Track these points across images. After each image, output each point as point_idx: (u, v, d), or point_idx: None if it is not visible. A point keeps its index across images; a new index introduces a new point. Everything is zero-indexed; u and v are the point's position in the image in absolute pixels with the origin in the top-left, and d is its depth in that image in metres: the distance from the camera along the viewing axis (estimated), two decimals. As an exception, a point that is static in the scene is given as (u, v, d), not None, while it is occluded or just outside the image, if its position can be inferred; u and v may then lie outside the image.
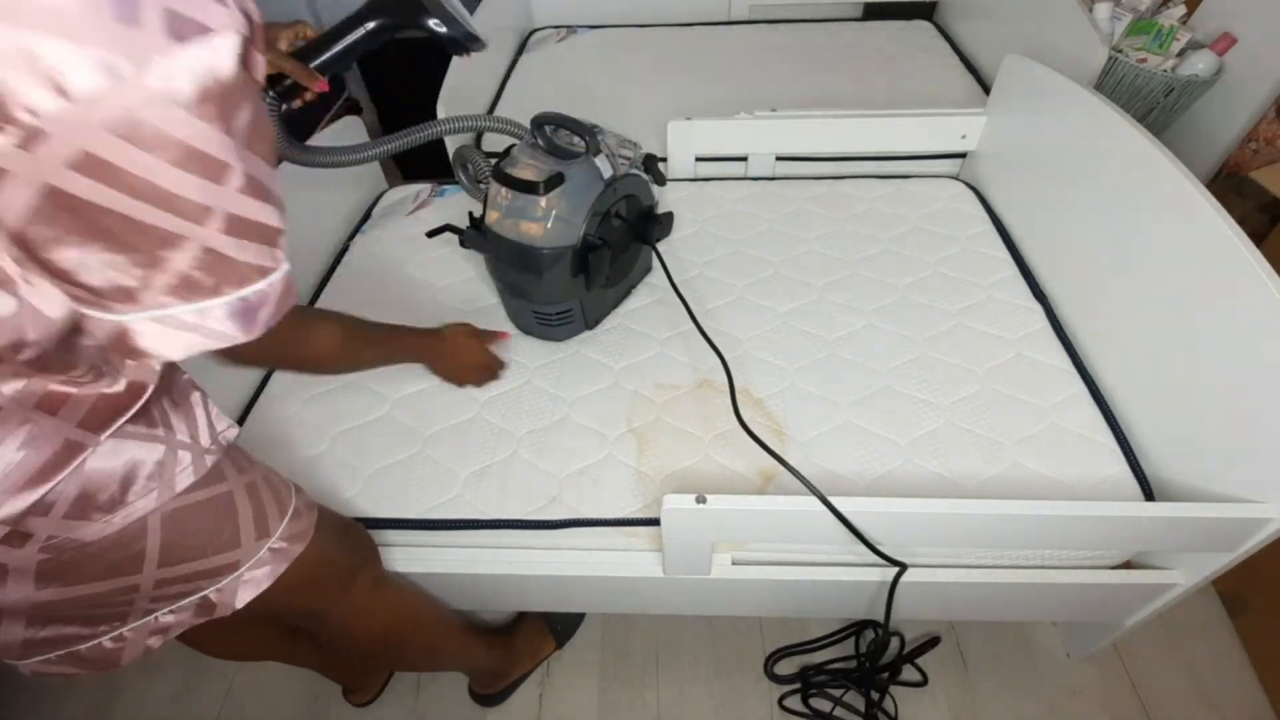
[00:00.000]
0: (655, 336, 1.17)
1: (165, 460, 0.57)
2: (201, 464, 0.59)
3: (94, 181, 0.35)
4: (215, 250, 0.41)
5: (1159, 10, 1.69)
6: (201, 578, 0.62)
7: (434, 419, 1.06)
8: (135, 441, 0.55)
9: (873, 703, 1.10)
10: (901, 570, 0.89)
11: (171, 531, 0.58)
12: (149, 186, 0.37)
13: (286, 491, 0.70)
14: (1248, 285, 0.82)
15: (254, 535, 0.65)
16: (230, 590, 0.65)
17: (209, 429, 0.62)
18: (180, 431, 0.59)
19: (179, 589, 0.62)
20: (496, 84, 1.88)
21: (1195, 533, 0.83)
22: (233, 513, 0.63)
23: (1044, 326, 1.15)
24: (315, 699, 1.17)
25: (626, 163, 1.08)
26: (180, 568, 0.60)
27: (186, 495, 0.59)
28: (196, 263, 0.41)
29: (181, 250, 0.40)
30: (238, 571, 0.64)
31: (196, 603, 0.64)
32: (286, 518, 0.68)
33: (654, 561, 0.94)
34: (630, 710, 1.15)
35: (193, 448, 0.59)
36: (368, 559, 0.86)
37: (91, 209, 0.36)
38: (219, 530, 0.62)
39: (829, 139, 1.50)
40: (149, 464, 0.56)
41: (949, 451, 0.99)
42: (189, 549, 0.60)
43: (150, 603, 0.61)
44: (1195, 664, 1.18)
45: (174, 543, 0.59)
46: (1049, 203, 1.25)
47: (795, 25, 2.08)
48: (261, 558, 0.66)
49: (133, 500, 0.55)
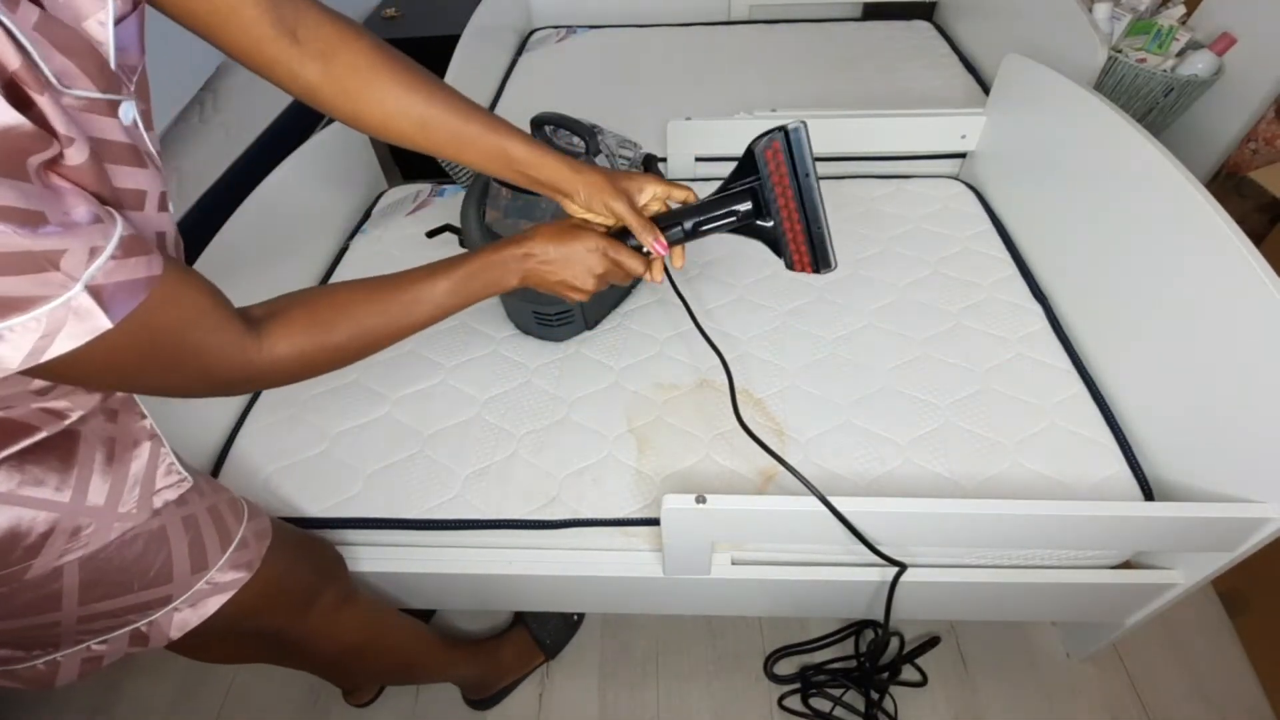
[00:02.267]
0: (655, 336, 1.17)
1: (56, 530, 0.52)
2: (104, 533, 0.55)
3: None
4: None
5: (1159, 10, 1.69)
6: (130, 612, 0.59)
7: (434, 419, 1.06)
8: (20, 509, 0.50)
9: (873, 703, 1.10)
10: (901, 570, 0.89)
11: (90, 572, 0.55)
12: None
13: (235, 520, 0.66)
14: (1248, 285, 0.82)
15: (189, 569, 0.61)
16: (163, 623, 0.62)
17: (140, 490, 0.57)
18: (93, 494, 0.54)
19: (106, 623, 0.59)
20: (496, 84, 1.88)
21: (1195, 532, 0.83)
22: (165, 547, 0.59)
23: (1044, 326, 1.15)
24: (315, 699, 1.17)
25: (626, 163, 1.07)
26: (103, 604, 0.57)
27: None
28: None
29: None
30: (170, 605, 0.61)
31: (128, 634, 0.61)
32: (230, 548, 0.65)
33: (654, 561, 0.94)
34: (630, 710, 1.15)
35: (100, 515, 0.54)
36: (331, 578, 0.84)
37: None
38: (146, 567, 0.59)
39: (829, 139, 1.50)
40: (32, 535, 0.51)
41: (949, 451, 0.99)
42: (112, 586, 0.57)
43: (79, 634, 0.59)
44: (1195, 664, 1.18)
45: (94, 582, 0.56)
46: (1049, 203, 1.25)
47: (795, 25, 2.08)
48: (198, 590, 0.63)
49: (10, 568, 0.51)
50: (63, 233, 0.35)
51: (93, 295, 0.37)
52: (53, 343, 0.36)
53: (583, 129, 1.00)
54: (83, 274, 0.36)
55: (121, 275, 0.38)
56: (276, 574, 0.71)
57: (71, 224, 0.36)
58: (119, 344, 0.39)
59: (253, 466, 1.00)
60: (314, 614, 0.80)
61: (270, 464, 1.00)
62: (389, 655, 0.96)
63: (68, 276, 0.36)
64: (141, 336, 0.41)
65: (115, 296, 0.38)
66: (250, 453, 1.03)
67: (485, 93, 1.80)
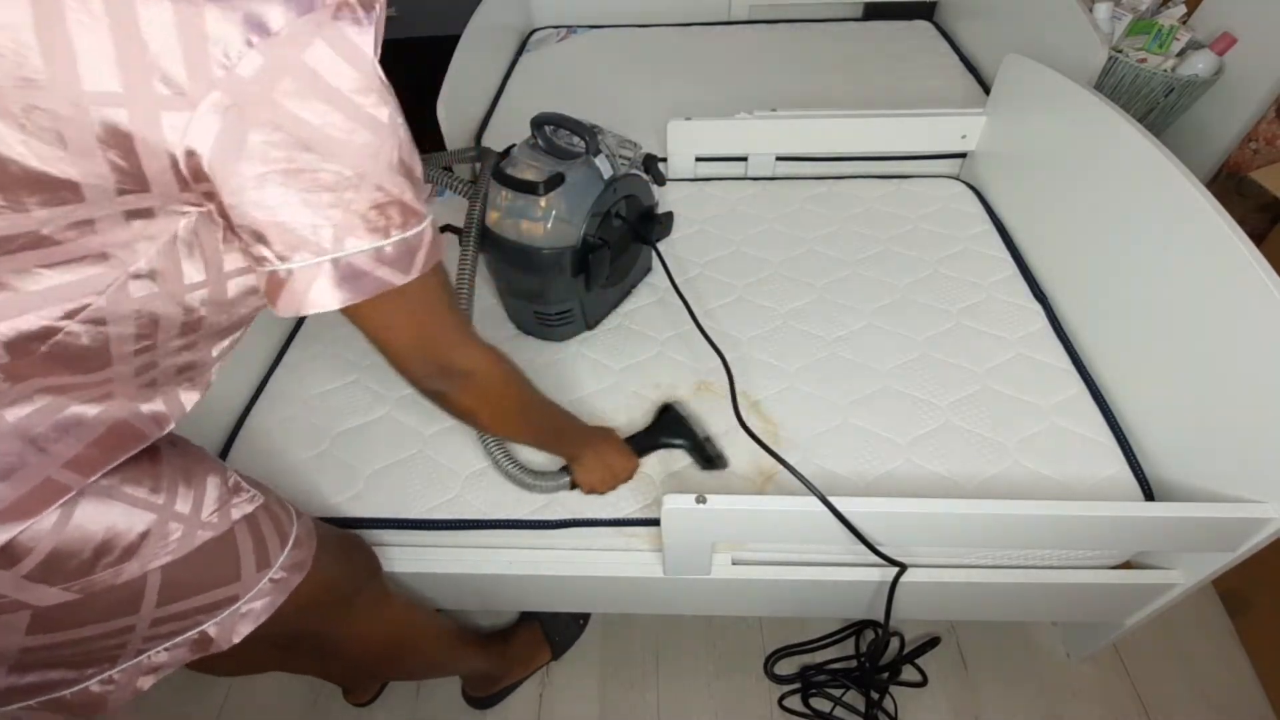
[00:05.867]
0: (655, 337, 1.17)
1: (152, 532, 0.54)
2: (190, 540, 0.57)
3: (298, 110, 0.40)
4: (386, 189, 0.45)
5: (1159, 10, 1.69)
6: (200, 613, 0.60)
7: (434, 419, 1.06)
8: (126, 506, 0.52)
9: (873, 703, 1.10)
10: (901, 570, 0.89)
11: (171, 576, 0.56)
12: (334, 126, 0.41)
13: (287, 520, 0.68)
14: (1248, 285, 0.82)
15: (254, 567, 0.63)
16: (229, 624, 0.63)
17: (219, 500, 0.60)
18: (182, 501, 0.56)
19: (175, 626, 0.60)
20: (496, 84, 1.88)
21: (1195, 533, 0.83)
22: (233, 548, 0.61)
23: (1044, 326, 1.15)
24: (315, 700, 1.17)
25: (626, 163, 1.08)
26: (178, 605, 0.58)
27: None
28: (372, 203, 0.44)
29: (361, 191, 0.43)
30: (236, 605, 0.62)
31: (193, 638, 0.62)
32: (288, 547, 0.66)
33: (654, 561, 0.94)
34: (630, 710, 1.15)
35: (187, 520, 0.57)
36: (369, 577, 0.85)
37: (297, 138, 0.40)
38: (218, 568, 0.60)
39: (829, 139, 1.50)
40: (130, 535, 0.53)
41: (949, 451, 0.99)
42: (188, 588, 0.58)
43: (144, 642, 0.59)
44: (1195, 664, 1.17)
45: (173, 584, 0.57)
46: (1049, 203, 1.25)
47: (795, 25, 2.08)
48: (261, 589, 0.64)
49: (99, 571, 0.52)
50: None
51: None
52: (428, 258, 0.50)
53: (583, 129, 1.00)
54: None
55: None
56: (325, 571, 0.72)
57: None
58: (432, 283, 0.52)
59: (253, 466, 1.00)
60: (356, 611, 0.81)
61: (270, 464, 1.00)
62: (419, 652, 0.96)
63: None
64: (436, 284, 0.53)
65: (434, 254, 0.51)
66: (251, 452, 1.03)
67: (485, 93, 1.80)
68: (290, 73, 0.39)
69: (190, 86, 0.37)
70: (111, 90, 0.37)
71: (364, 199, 0.44)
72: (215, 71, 0.37)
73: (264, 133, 0.40)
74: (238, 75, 0.38)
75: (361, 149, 0.42)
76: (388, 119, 0.43)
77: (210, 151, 0.39)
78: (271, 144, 0.40)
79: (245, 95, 0.38)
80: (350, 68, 0.41)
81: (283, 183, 0.41)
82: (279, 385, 1.12)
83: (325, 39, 0.39)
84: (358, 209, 0.44)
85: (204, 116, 0.38)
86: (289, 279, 0.45)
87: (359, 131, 0.42)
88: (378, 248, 0.46)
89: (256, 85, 0.38)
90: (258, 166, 0.40)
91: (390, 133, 0.44)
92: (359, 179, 0.43)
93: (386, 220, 0.45)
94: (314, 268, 0.44)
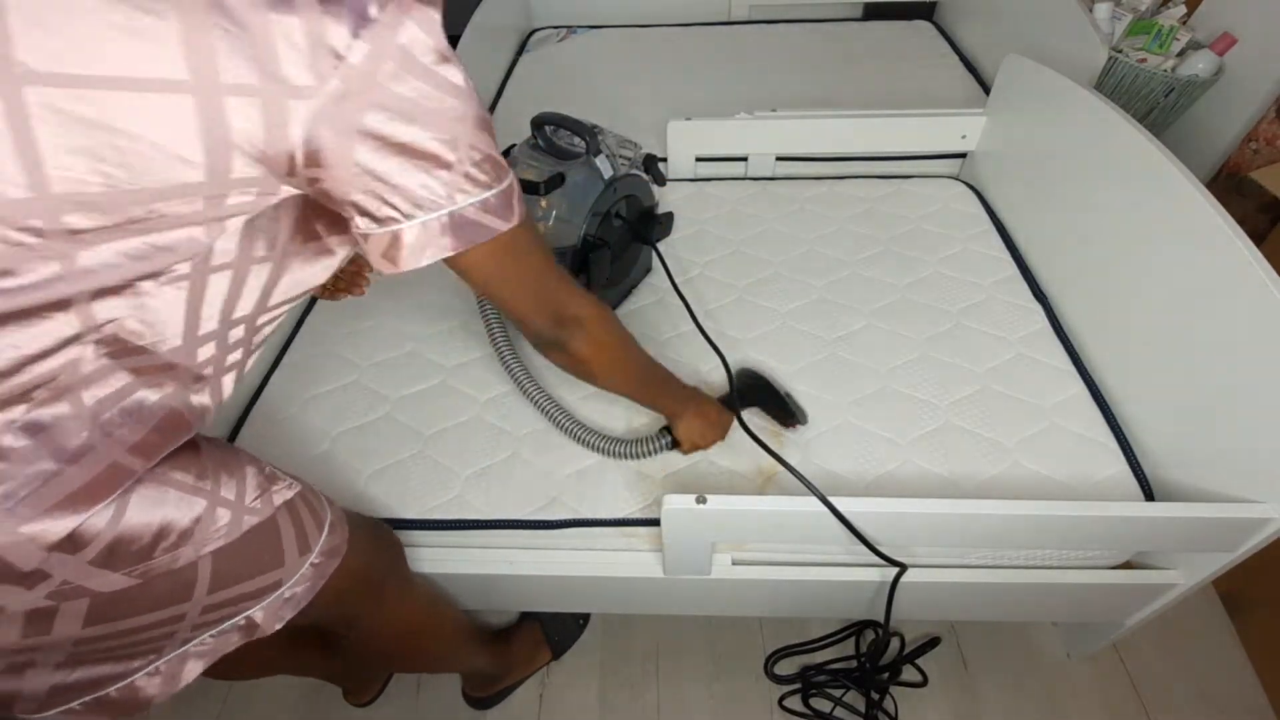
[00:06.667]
0: (655, 337, 1.17)
1: (203, 517, 0.56)
2: (238, 525, 0.58)
3: (398, 88, 0.44)
4: (478, 147, 0.50)
5: (1159, 10, 1.69)
6: (246, 599, 0.61)
7: (434, 419, 1.06)
8: (180, 492, 0.54)
9: (873, 703, 1.10)
10: (901, 570, 0.89)
11: (222, 562, 0.58)
12: (428, 98, 0.46)
13: (320, 506, 0.69)
14: (1248, 285, 0.82)
15: (296, 552, 0.64)
16: (273, 609, 0.64)
17: (259, 489, 0.62)
18: (226, 488, 0.58)
19: (224, 613, 0.61)
20: (497, 84, 1.88)
21: (1195, 533, 0.83)
22: (276, 534, 0.62)
23: (1044, 326, 1.15)
24: (315, 700, 1.17)
25: (626, 163, 1.07)
26: (228, 591, 0.59)
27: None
28: (471, 161, 0.50)
29: (459, 151, 0.49)
30: (280, 590, 0.64)
31: (240, 624, 0.63)
32: (324, 532, 0.68)
33: (654, 561, 0.94)
34: (630, 710, 1.15)
35: (234, 506, 0.58)
36: (397, 561, 0.86)
37: (401, 113, 0.45)
38: (265, 552, 0.62)
39: (829, 139, 1.50)
40: (184, 520, 0.54)
41: (949, 451, 0.99)
42: (237, 573, 0.60)
43: (192, 630, 0.59)
44: (1195, 664, 1.17)
45: (223, 568, 0.58)
46: (1049, 203, 1.25)
47: (795, 25, 2.08)
48: (303, 574, 0.65)
49: (158, 556, 0.53)
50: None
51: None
52: (520, 201, 0.56)
53: (583, 129, 1.00)
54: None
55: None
56: (359, 556, 0.73)
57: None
58: (534, 233, 0.60)
59: (253, 466, 1.00)
60: (386, 597, 0.82)
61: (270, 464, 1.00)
62: (436, 641, 0.97)
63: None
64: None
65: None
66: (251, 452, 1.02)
67: (485, 93, 1.80)
68: (389, 55, 0.43)
69: (313, 80, 0.42)
70: (247, 83, 0.41)
71: (464, 157, 0.49)
72: (331, 64, 0.42)
73: (373, 113, 0.44)
74: (349, 65, 0.42)
75: (452, 114, 0.47)
76: (465, 84, 0.48)
77: (328, 138, 0.44)
78: (380, 122, 0.45)
79: (356, 82, 0.43)
80: (432, 42, 0.45)
81: (395, 155, 0.46)
82: (279, 385, 1.12)
83: (412, 19, 0.44)
84: (460, 168, 0.49)
85: (324, 104, 0.43)
86: (410, 237, 0.50)
87: (447, 99, 0.47)
88: (483, 199, 0.51)
89: (364, 71, 0.43)
90: (371, 144, 0.45)
91: (469, 96, 0.49)
92: (455, 141, 0.48)
93: (484, 174, 0.51)
94: (433, 222, 0.50)
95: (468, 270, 0.57)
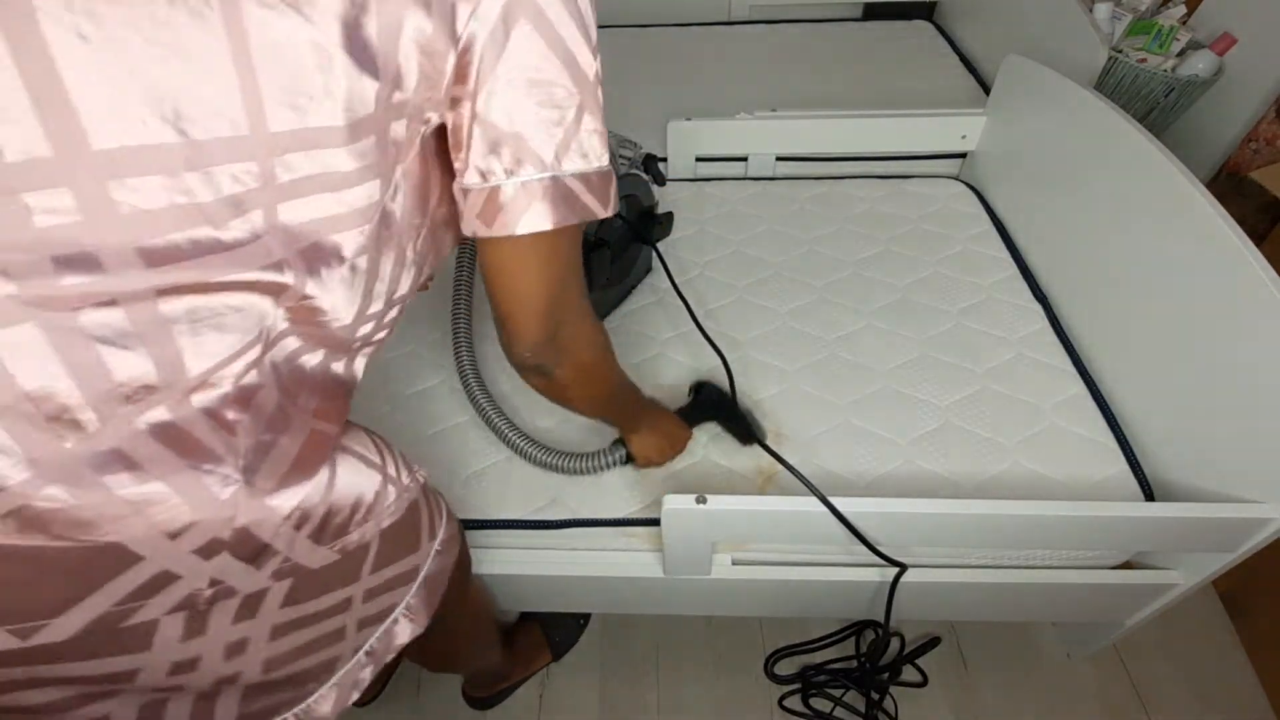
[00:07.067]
0: (655, 337, 1.17)
1: (381, 492, 0.55)
2: (402, 503, 0.58)
3: (551, 14, 0.41)
4: (596, 116, 0.46)
5: (1159, 10, 1.69)
6: (399, 583, 0.61)
7: (434, 419, 1.06)
8: (364, 465, 0.54)
9: (873, 703, 1.10)
10: (901, 570, 0.89)
11: (388, 537, 0.57)
12: (573, 39, 0.43)
13: (435, 492, 0.68)
14: (1248, 285, 0.82)
15: (427, 536, 0.63)
16: (420, 598, 0.63)
17: (407, 466, 0.61)
18: (389, 464, 0.58)
19: (383, 601, 0.60)
20: (496, 84, 1.88)
21: (1195, 533, 0.83)
22: (418, 516, 0.61)
23: (1044, 326, 1.15)
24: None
25: (626, 163, 1.07)
26: (385, 572, 0.58)
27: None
28: (587, 128, 0.45)
29: (581, 114, 0.45)
30: (419, 575, 0.63)
31: (393, 621, 0.62)
32: (444, 518, 0.67)
33: (654, 561, 0.94)
34: (630, 710, 1.15)
35: (398, 483, 0.58)
36: (468, 559, 0.85)
37: (548, 42, 0.42)
38: (411, 534, 0.61)
39: (829, 139, 1.50)
40: (370, 494, 0.54)
41: (949, 451, 0.99)
42: (393, 553, 0.59)
43: (358, 631, 0.58)
44: (1195, 664, 1.18)
45: (386, 549, 0.58)
46: (1049, 203, 1.25)
47: (795, 25, 2.08)
48: (432, 559, 0.64)
49: (352, 530, 0.53)
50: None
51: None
52: (616, 192, 0.50)
53: (583, 129, 1.00)
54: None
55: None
56: (461, 543, 0.72)
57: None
58: (579, 238, 0.53)
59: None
60: (469, 594, 0.82)
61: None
62: (489, 640, 0.98)
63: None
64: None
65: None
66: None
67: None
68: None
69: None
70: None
71: (583, 122, 0.45)
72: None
73: (524, 31, 0.41)
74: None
75: (586, 69, 0.44)
76: (595, 48, 0.45)
77: (482, 44, 0.40)
78: (527, 46, 0.41)
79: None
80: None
81: (526, 91, 0.42)
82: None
83: None
84: (577, 131, 0.45)
85: (485, 7, 0.39)
86: (509, 195, 0.45)
87: (585, 52, 0.44)
88: (588, 172, 0.47)
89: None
90: (512, 68, 0.41)
91: (596, 61, 0.45)
92: (581, 100, 0.44)
93: (593, 148, 0.47)
94: (536, 184, 0.45)
95: (504, 253, 0.49)
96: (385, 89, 0.39)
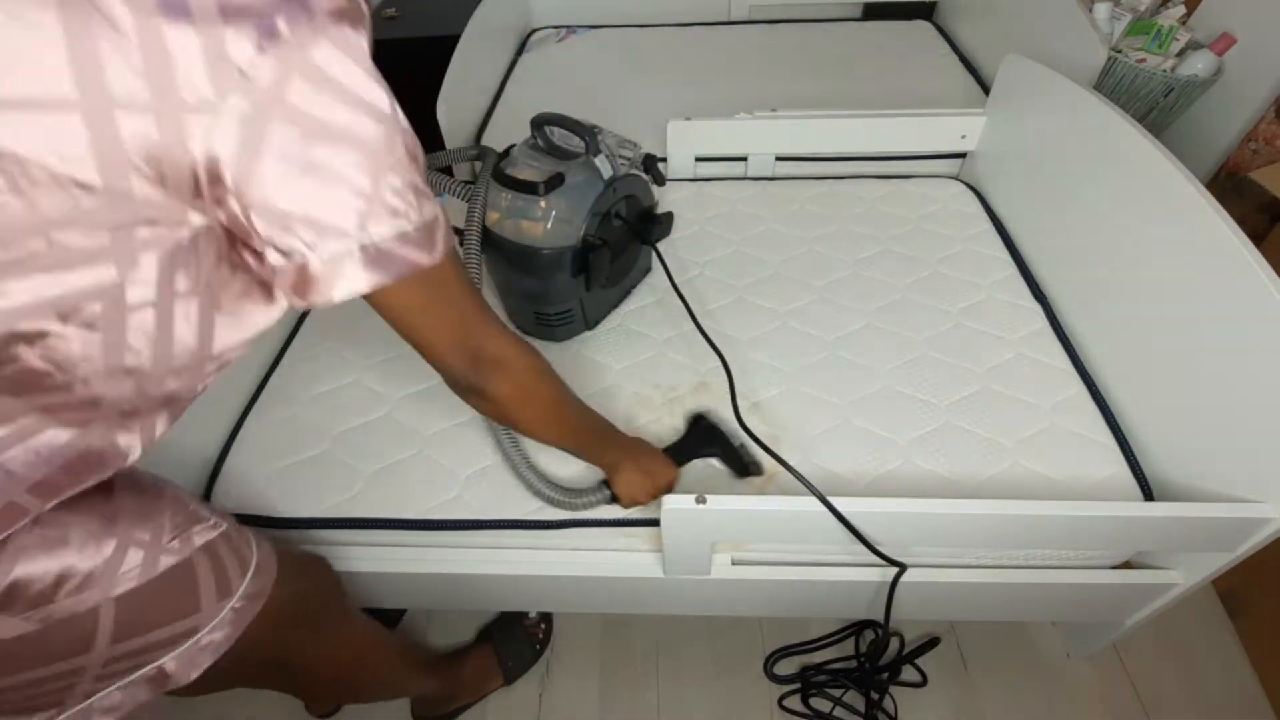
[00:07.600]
0: (655, 337, 1.17)
1: (111, 558, 0.52)
2: (152, 567, 0.55)
3: (310, 107, 0.42)
4: (400, 174, 0.47)
5: (1159, 10, 1.69)
6: (157, 649, 0.58)
7: (434, 419, 1.06)
8: (81, 534, 0.51)
9: (873, 703, 1.10)
10: (901, 570, 0.89)
11: (131, 603, 0.54)
12: (344, 119, 0.43)
13: (247, 547, 0.66)
14: (1248, 285, 0.82)
15: (215, 597, 0.61)
16: (188, 656, 0.60)
17: (178, 529, 0.58)
18: (141, 528, 0.55)
19: (131, 663, 0.57)
20: (497, 84, 1.88)
21: (1195, 533, 0.83)
22: (193, 578, 0.59)
23: (1044, 326, 1.15)
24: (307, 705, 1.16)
25: (626, 163, 1.08)
26: (134, 641, 0.55)
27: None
28: (390, 189, 0.46)
29: (377, 178, 0.45)
30: (196, 636, 0.60)
31: (149, 675, 0.59)
32: (248, 575, 0.64)
33: (654, 561, 0.94)
34: (630, 710, 1.15)
35: (149, 546, 0.55)
36: (331, 597, 0.84)
37: (312, 132, 0.43)
38: (180, 597, 0.58)
39: (829, 139, 1.50)
40: (89, 563, 0.51)
41: (949, 451, 0.99)
42: (148, 620, 0.56)
43: (95, 682, 0.55)
44: (1195, 664, 1.18)
45: (132, 615, 0.55)
46: (1049, 203, 1.25)
47: (795, 25, 2.08)
48: (222, 619, 0.62)
49: (61, 599, 0.50)
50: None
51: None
52: (445, 237, 0.52)
53: (583, 129, 1.00)
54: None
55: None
56: (288, 595, 0.70)
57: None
58: (456, 268, 0.56)
59: (253, 466, 1.00)
60: (320, 632, 0.80)
61: (270, 464, 1.00)
62: (377, 673, 0.95)
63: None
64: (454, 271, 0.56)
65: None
66: (250, 453, 1.02)
67: (485, 93, 1.80)
68: (300, 72, 0.41)
69: (213, 95, 0.40)
70: (140, 98, 0.39)
71: (382, 186, 0.46)
72: (234, 80, 0.40)
73: (282, 130, 0.42)
74: (254, 80, 0.40)
75: (371, 139, 0.45)
76: (390, 109, 0.46)
77: (232, 154, 0.41)
78: (290, 140, 0.42)
79: (262, 98, 0.40)
80: (353, 63, 0.43)
81: (304, 176, 0.43)
82: (279, 385, 1.12)
83: (329, 38, 0.42)
84: (377, 196, 0.46)
85: (226, 121, 0.40)
86: (319, 268, 0.46)
87: (367, 123, 0.44)
88: (402, 231, 0.48)
89: (271, 87, 0.40)
90: (279, 164, 0.42)
91: (394, 121, 0.46)
92: (374, 167, 0.45)
93: (405, 204, 0.47)
94: (344, 255, 0.46)
95: (382, 305, 0.53)
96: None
